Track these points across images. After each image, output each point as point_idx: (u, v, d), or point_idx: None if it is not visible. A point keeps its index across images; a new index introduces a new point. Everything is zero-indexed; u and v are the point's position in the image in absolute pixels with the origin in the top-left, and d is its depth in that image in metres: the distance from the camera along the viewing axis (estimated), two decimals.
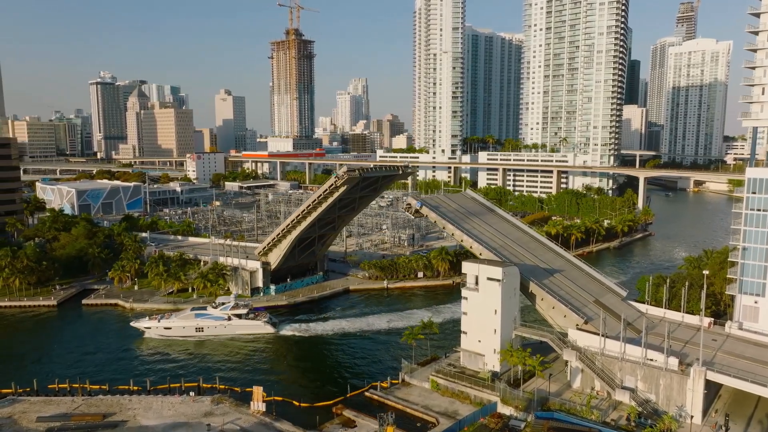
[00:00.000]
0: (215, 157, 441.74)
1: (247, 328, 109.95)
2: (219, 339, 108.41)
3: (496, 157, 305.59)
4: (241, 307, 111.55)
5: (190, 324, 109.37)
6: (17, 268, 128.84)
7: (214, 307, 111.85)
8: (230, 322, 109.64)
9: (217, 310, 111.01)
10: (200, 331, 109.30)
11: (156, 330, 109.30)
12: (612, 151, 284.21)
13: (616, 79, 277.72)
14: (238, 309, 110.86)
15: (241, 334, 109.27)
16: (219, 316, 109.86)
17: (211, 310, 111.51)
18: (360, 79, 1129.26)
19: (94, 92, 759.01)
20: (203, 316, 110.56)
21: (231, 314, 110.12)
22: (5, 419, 76.08)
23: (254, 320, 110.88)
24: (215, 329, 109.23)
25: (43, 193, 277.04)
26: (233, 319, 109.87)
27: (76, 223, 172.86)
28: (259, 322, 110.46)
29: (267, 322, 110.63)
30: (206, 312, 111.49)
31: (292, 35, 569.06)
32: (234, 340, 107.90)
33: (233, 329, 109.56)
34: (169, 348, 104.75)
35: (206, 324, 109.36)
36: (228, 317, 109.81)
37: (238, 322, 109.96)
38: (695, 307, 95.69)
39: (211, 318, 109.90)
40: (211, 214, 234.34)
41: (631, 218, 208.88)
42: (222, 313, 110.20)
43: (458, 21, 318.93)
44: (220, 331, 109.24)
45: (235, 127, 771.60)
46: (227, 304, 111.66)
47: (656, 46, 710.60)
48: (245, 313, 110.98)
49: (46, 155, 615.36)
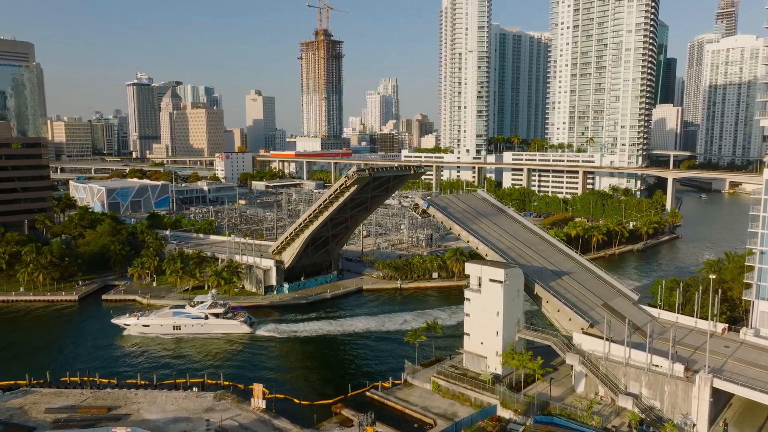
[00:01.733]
0: (243, 156, 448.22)
1: (224, 327, 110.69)
2: (196, 337, 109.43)
3: (521, 157, 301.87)
4: (218, 306, 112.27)
5: (167, 322, 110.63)
6: (41, 263, 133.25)
7: (192, 306, 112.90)
8: (207, 321, 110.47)
9: (195, 309, 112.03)
10: (178, 329, 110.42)
11: (135, 327, 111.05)
12: (640, 152, 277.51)
13: (645, 77, 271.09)
14: (215, 308, 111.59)
15: (217, 333, 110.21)
16: (196, 315, 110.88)
17: (189, 309, 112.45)
18: (390, 79, 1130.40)
19: (130, 93, 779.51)
20: (181, 314, 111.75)
21: (208, 313, 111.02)
22: (16, 409, 78.81)
23: (231, 320, 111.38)
24: (192, 328, 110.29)
25: (76, 192, 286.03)
26: (210, 318, 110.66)
27: (101, 221, 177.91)
28: (235, 322, 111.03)
29: (244, 322, 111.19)
30: (184, 310, 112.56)
31: (321, 36, 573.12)
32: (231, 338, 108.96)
33: (210, 328, 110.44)
34: (169, 345, 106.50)
35: (183, 322, 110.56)
36: (205, 316, 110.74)
37: (215, 321, 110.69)
38: (710, 312, 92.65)
39: (189, 316, 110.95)
40: (233, 213, 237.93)
41: (656, 220, 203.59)
42: (199, 312, 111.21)
43: (484, 20, 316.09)
44: (197, 330, 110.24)
45: (264, 127, 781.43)
46: (204, 303, 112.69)
47: (693, 43, 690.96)
48: (222, 312, 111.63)
49: (82, 154, 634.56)
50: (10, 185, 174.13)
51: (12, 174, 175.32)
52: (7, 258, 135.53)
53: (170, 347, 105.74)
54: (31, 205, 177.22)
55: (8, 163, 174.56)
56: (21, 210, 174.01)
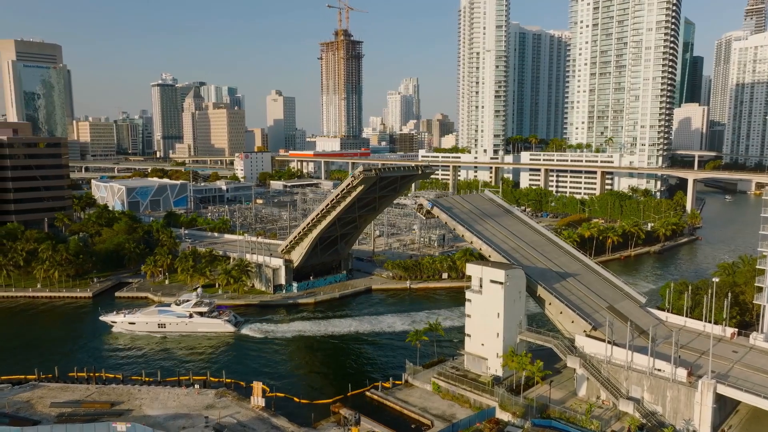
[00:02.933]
0: (262, 156, 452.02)
1: (207, 326, 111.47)
2: (180, 336, 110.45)
3: (538, 158, 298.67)
4: (202, 305, 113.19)
5: (152, 320, 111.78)
6: (56, 260, 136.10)
7: (177, 305, 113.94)
8: (191, 320, 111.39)
9: (180, 307, 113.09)
10: (162, 327, 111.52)
11: (121, 324, 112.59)
12: (660, 152, 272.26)
13: (665, 76, 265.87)
14: (199, 307, 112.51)
15: (201, 332, 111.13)
16: (180, 313, 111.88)
17: (174, 307, 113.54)
18: (411, 78, 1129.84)
19: (155, 94, 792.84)
20: (166, 312, 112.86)
21: (192, 312, 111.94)
22: (23, 403, 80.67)
23: (215, 319, 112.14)
24: (176, 326, 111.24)
25: (98, 190, 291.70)
26: (195, 317, 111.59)
27: (118, 219, 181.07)
28: (219, 321, 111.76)
29: (228, 321, 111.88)
30: (169, 309, 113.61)
31: (341, 36, 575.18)
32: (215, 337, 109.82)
33: (194, 326, 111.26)
34: (153, 343, 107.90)
35: (168, 320, 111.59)
36: (189, 315, 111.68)
37: (199, 319, 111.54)
38: (719, 316, 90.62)
39: (173, 315, 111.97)
40: (248, 212, 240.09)
41: (675, 222, 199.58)
42: (183, 311, 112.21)
43: (502, 19, 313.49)
44: (181, 328, 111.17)
45: (285, 127, 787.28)
46: (189, 302, 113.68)
47: (721, 40, 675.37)
48: (206, 311, 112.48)
49: (106, 154, 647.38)
50: (33, 184, 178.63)
51: (35, 173, 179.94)
52: (24, 255, 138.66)
53: (153, 345, 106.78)
54: (51, 204, 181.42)
55: (30, 162, 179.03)
56: (41, 208, 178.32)
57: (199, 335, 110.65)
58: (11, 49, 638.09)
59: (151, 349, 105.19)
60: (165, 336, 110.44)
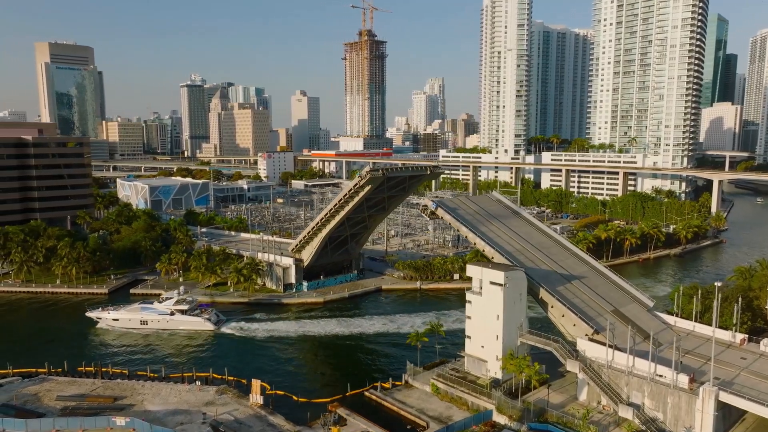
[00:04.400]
0: (285, 156, 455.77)
1: (187, 323, 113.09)
2: (161, 332, 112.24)
3: (560, 158, 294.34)
4: (183, 303, 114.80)
5: (135, 317, 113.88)
6: (74, 257, 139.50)
7: (160, 302, 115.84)
8: (172, 317, 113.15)
9: (162, 305, 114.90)
10: (145, 324, 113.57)
11: (105, 321, 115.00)
12: (685, 152, 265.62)
13: (691, 74, 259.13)
14: (180, 305, 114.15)
15: (181, 330, 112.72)
16: (162, 311, 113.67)
17: (156, 305, 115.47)
18: (437, 78, 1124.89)
19: (183, 94, 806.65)
20: (148, 309, 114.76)
21: (173, 309, 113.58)
22: (31, 395, 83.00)
23: (196, 317, 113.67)
24: (158, 323, 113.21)
25: (122, 189, 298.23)
26: (176, 315, 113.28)
27: (137, 217, 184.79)
28: (199, 319, 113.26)
29: (208, 320, 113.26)
30: (152, 306, 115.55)
31: (365, 36, 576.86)
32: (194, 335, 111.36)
33: (175, 324, 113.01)
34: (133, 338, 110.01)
35: (150, 317, 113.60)
36: (171, 312, 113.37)
37: (180, 317, 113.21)
38: (729, 322, 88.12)
39: (155, 312, 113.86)
40: (266, 211, 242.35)
41: (697, 224, 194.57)
42: (165, 308, 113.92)
43: (524, 18, 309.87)
44: (163, 325, 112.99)
45: (309, 127, 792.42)
46: (171, 300, 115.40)
47: (756, 38, 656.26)
48: (187, 309, 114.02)
49: (134, 153, 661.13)
50: (57, 182, 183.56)
51: (59, 172, 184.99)
52: (44, 252, 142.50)
53: (132, 341, 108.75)
54: (74, 202, 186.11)
55: (54, 161, 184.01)
56: (64, 206, 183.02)
57: (179, 333, 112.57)
58: (46, 52, 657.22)
59: (128, 344, 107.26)
60: (146, 332, 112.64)
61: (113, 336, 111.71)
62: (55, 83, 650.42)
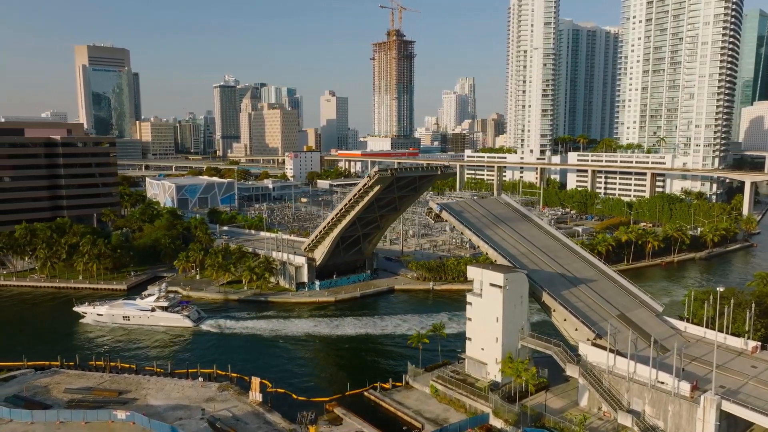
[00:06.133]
0: (311, 155, 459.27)
1: (167, 320, 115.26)
2: (142, 328, 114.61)
3: (586, 158, 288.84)
4: (163, 300, 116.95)
5: (118, 312, 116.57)
6: (94, 254, 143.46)
7: (142, 299, 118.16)
8: (153, 314, 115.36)
9: (143, 301, 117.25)
10: (127, 319, 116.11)
11: (90, 316, 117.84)
12: (717, 153, 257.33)
13: (723, 73, 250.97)
14: (160, 301, 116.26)
15: (161, 326, 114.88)
16: (143, 307, 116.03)
17: (138, 301, 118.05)
18: (467, 78, 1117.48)
19: (216, 95, 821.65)
20: (130, 305, 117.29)
21: (154, 306, 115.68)
22: (42, 387, 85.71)
23: (175, 314, 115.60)
24: (139, 319, 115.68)
25: (151, 188, 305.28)
26: (156, 311, 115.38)
27: (160, 216, 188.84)
28: (178, 316, 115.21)
29: (187, 317, 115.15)
30: (134, 302, 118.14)
31: (393, 36, 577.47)
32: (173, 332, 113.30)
33: (155, 320, 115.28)
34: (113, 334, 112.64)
35: (132, 313, 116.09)
36: (152, 309, 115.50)
37: (160, 313, 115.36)
38: (742, 328, 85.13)
39: (137, 308, 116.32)
40: (287, 210, 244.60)
41: (725, 227, 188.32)
42: (146, 304, 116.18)
43: (550, 16, 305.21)
44: (144, 321, 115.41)
45: (338, 127, 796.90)
46: (152, 296, 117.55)
47: None
48: (166, 305, 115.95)
49: (166, 153, 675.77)
50: (83, 181, 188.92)
51: (85, 171, 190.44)
52: (66, 248, 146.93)
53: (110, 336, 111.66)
54: (100, 200, 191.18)
55: (81, 160, 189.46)
56: (91, 204, 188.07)
57: (159, 329, 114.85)
58: (84, 55, 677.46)
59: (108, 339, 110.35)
60: (127, 328, 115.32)
61: (93, 329, 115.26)
62: (92, 84, 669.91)
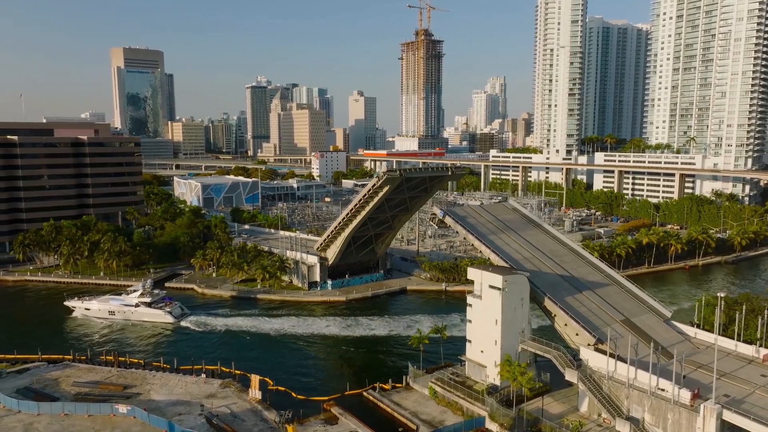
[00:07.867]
0: (338, 155, 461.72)
1: (149, 316, 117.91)
2: (126, 323, 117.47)
3: (614, 158, 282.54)
4: (147, 295, 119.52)
5: (104, 307, 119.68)
6: (115, 251, 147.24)
7: (128, 294, 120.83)
8: (136, 309, 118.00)
9: (128, 297, 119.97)
10: (112, 314, 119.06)
11: (79, 310, 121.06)
12: (750, 153, 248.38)
13: (757, 70, 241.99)
14: (144, 297, 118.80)
15: (144, 321, 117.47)
16: (128, 303, 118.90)
17: (124, 296, 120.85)
18: (498, 77, 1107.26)
19: (247, 95, 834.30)
20: (116, 301, 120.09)
21: (138, 301, 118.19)
22: (52, 380, 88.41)
23: (157, 310, 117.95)
24: (124, 314, 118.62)
25: (178, 187, 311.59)
26: (140, 306, 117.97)
27: (182, 214, 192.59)
28: (160, 312, 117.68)
29: (169, 313, 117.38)
30: (120, 298, 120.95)
31: (421, 36, 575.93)
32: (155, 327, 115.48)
33: (139, 316, 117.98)
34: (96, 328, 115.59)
35: (117, 309, 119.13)
36: (136, 304, 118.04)
37: (143, 309, 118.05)
38: (754, 335, 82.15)
39: (122, 304, 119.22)
40: (308, 210, 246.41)
41: (755, 230, 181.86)
42: (131, 300, 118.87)
43: (578, 14, 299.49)
44: (128, 317, 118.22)
45: (365, 126, 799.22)
46: (137, 292, 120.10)
47: None
48: (150, 301, 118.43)
49: (196, 152, 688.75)
50: (108, 180, 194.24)
51: (111, 170, 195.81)
52: (88, 245, 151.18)
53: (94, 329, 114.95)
54: (124, 199, 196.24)
55: (107, 160, 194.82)
56: (115, 203, 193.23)
57: (143, 324, 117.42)
58: (120, 56, 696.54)
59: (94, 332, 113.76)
60: (112, 323, 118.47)
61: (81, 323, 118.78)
62: (126, 86, 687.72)
